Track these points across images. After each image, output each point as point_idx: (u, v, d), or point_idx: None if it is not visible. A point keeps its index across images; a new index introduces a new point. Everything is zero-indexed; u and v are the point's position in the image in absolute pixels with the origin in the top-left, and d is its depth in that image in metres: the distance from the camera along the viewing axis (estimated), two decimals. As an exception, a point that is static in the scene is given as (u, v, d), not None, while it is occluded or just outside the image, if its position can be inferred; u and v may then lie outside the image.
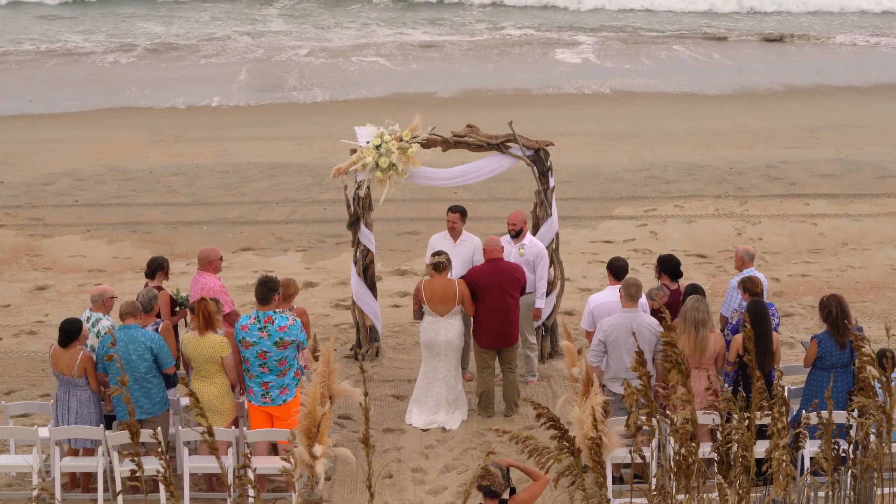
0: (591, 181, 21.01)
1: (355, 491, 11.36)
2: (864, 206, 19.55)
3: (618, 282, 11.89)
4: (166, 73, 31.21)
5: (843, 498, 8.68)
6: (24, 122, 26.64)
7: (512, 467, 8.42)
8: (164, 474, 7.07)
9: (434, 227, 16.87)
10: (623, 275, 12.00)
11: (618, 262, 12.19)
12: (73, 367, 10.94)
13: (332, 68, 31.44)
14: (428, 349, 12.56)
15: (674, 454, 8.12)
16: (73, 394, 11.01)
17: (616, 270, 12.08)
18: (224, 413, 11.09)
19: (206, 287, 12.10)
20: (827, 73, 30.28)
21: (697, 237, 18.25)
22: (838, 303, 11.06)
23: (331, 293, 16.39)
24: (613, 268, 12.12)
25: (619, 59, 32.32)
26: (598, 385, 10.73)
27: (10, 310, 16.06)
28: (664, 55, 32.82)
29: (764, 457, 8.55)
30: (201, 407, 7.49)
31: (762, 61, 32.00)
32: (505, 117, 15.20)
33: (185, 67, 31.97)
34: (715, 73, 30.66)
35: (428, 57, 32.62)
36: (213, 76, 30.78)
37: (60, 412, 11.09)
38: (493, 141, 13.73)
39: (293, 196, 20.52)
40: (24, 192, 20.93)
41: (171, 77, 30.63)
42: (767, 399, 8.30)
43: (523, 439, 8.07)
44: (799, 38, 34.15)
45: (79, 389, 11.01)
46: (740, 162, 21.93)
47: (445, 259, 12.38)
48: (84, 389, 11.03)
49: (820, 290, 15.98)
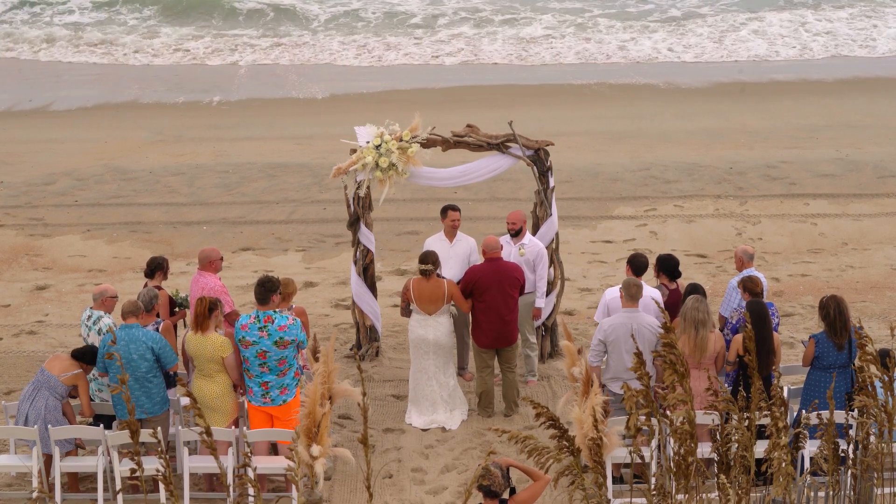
0: (591, 181, 21.00)
1: (355, 491, 11.36)
2: (864, 206, 19.54)
3: (637, 277, 11.92)
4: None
5: (843, 498, 8.67)
6: (25, 122, 26.65)
7: (512, 467, 8.42)
8: (164, 474, 7.07)
9: (434, 227, 16.87)
10: (643, 271, 12.04)
11: (639, 259, 12.19)
12: (66, 372, 10.97)
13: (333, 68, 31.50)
14: (416, 347, 12.58)
15: (673, 454, 8.12)
16: (41, 394, 10.96)
17: (637, 266, 12.08)
18: (225, 412, 11.09)
19: (207, 287, 12.10)
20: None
21: (697, 237, 18.25)
22: (837, 304, 11.05)
23: (331, 293, 16.39)
24: (634, 264, 12.11)
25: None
26: (598, 385, 10.73)
27: (10, 310, 16.06)
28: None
29: (764, 457, 8.54)
30: (200, 407, 7.48)
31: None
32: (505, 117, 15.20)
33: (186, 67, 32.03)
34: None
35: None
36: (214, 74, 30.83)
37: (22, 409, 11.04)
38: (493, 141, 13.73)
39: (293, 196, 20.52)
40: (24, 192, 20.93)
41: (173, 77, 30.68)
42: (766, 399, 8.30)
43: (523, 439, 8.07)
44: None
45: (50, 392, 10.97)
46: (740, 162, 21.93)
47: (432, 267, 12.40)
48: (56, 396, 10.98)
49: (820, 290, 15.98)
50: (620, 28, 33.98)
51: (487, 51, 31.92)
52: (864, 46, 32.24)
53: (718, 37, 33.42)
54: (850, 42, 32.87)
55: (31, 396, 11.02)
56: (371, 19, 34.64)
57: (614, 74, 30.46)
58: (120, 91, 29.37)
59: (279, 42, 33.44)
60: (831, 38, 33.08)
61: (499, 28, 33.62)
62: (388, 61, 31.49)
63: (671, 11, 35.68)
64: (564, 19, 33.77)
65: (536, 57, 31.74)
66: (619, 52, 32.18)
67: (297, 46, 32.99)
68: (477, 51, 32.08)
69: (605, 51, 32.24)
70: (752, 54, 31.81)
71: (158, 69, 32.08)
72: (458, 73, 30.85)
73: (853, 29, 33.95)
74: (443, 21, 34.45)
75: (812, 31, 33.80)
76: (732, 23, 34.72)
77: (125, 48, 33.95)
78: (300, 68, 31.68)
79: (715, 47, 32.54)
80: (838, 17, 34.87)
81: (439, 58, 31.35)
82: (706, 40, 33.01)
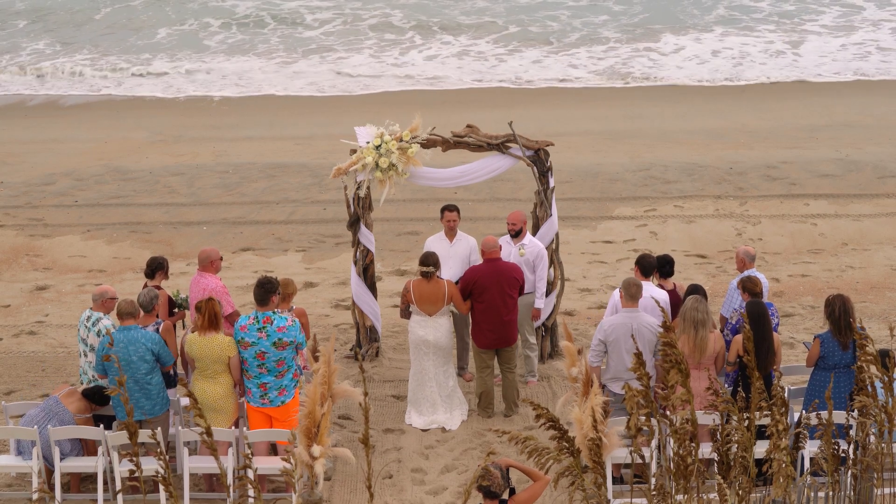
0: (591, 181, 21.01)
1: (355, 491, 11.36)
2: (864, 206, 19.54)
3: (645, 277, 11.92)
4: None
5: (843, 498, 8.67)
6: (24, 122, 26.66)
7: (512, 468, 8.42)
8: (164, 475, 7.07)
9: (434, 227, 16.87)
10: (651, 271, 12.04)
11: (647, 259, 12.19)
12: (81, 415, 11.13)
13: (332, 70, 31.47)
14: (416, 348, 12.59)
15: (673, 454, 8.12)
16: (52, 423, 11.03)
17: (644, 266, 12.08)
18: (227, 413, 11.10)
19: (208, 287, 12.10)
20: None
21: (697, 237, 18.25)
22: (843, 303, 11.07)
23: (331, 293, 16.39)
24: (642, 263, 12.11)
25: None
26: (598, 385, 10.74)
27: (10, 310, 16.07)
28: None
29: (764, 457, 8.54)
30: (201, 407, 7.49)
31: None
32: (505, 117, 15.20)
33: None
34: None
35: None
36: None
37: (30, 424, 11.08)
38: (493, 141, 13.73)
39: (293, 196, 20.52)
40: (24, 192, 20.93)
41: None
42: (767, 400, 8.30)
43: (523, 440, 8.07)
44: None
45: (61, 423, 11.06)
46: (740, 162, 21.92)
47: (432, 269, 12.40)
48: (65, 423, 11.09)
49: (820, 290, 15.99)
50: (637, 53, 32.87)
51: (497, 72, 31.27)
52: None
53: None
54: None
55: (43, 423, 11.05)
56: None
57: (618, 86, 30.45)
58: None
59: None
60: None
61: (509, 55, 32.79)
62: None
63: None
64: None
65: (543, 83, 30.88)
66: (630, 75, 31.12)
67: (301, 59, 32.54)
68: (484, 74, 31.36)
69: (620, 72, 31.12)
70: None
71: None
72: (458, 75, 30.86)
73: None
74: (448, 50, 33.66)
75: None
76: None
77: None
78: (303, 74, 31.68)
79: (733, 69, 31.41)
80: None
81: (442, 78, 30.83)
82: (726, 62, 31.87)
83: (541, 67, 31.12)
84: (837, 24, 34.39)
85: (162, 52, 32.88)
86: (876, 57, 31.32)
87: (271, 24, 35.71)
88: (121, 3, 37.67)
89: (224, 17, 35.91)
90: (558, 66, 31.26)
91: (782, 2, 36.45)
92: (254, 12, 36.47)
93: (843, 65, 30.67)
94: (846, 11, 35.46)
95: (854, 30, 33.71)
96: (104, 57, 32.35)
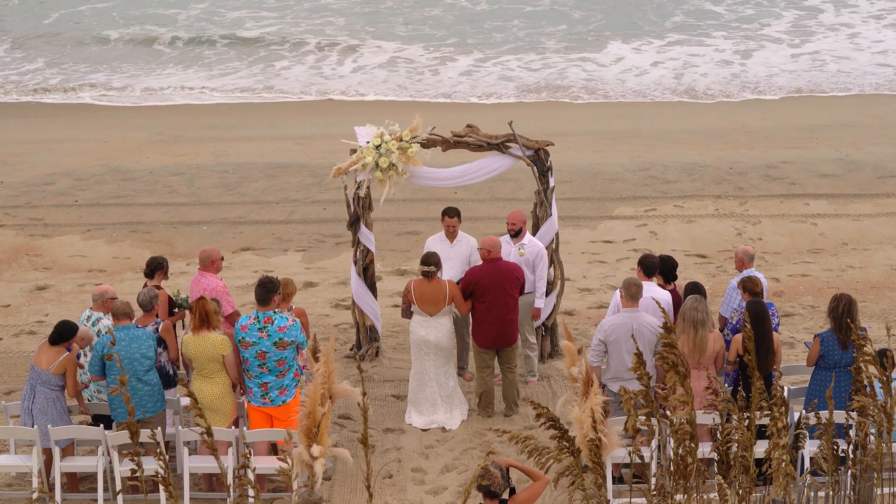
0: (591, 181, 21.00)
1: (355, 491, 11.36)
2: (864, 206, 19.54)
3: (648, 278, 11.91)
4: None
5: (842, 498, 8.68)
6: (24, 122, 26.65)
7: (512, 467, 8.42)
8: (163, 475, 7.07)
9: (434, 227, 16.87)
10: (654, 271, 12.03)
11: (650, 259, 12.18)
12: (53, 363, 10.97)
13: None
14: (417, 349, 12.59)
15: (673, 454, 8.12)
16: (38, 390, 11.01)
17: (647, 266, 12.07)
18: (225, 413, 11.10)
19: (209, 287, 12.11)
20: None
21: (697, 237, 18.25)
22: (848, 302, 11.08)
23: (331, 293, 16.39)
24: (645, 264, 12.10)
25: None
26: (598, 385, 10.74)
27: (10, 310, 16.07)
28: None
29: (764, 457, 8.55)
30: (200, 407, 7.49)
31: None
32: (505, 117, 15.20)
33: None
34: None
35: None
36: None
37: (25, 407, 11.11)
38: (493, 141, 13.74)
39: (293, 196, 20.52)
40: (24, 192, 20.93)
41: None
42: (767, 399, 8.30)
43: (523, 439, 8.07)
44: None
45: (46, 387, 11.02)
46: (740, 162, 21.92)
47: (434, 268, 12.40)
48: (53, 389, 11.03)
49: (820, 290, 15.99)
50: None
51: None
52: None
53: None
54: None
55: (31, 395, 11.06)
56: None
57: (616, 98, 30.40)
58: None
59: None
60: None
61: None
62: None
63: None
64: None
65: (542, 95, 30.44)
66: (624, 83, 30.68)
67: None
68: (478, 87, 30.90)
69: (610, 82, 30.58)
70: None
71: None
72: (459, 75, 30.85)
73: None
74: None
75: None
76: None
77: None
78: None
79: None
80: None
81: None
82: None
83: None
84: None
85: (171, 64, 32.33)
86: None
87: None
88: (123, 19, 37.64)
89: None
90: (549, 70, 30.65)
91: (741, 5, 35.85)
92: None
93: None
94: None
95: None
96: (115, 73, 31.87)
